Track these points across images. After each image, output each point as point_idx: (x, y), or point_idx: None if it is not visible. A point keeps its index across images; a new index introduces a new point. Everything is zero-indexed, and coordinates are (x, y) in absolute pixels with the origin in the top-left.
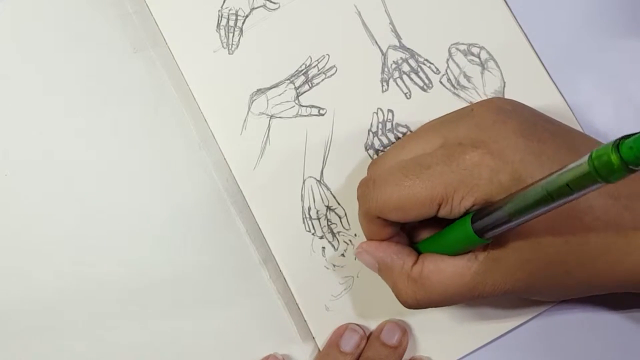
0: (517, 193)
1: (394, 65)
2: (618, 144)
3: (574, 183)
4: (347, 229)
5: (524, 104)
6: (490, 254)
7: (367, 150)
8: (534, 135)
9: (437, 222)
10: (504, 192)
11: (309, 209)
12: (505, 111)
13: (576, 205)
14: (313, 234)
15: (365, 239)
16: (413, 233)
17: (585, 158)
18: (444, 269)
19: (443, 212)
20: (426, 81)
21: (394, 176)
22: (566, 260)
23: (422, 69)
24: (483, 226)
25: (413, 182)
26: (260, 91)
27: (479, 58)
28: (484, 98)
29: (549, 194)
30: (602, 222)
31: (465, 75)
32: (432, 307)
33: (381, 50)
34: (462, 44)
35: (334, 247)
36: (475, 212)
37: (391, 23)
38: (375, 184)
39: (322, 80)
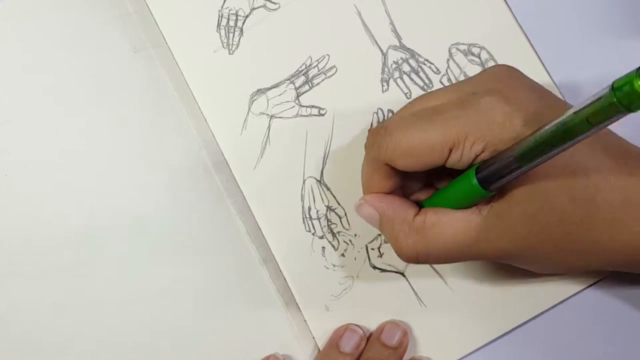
0: (527, 137)
1: (394, 65)
2: None
3: (594, 116)
4: (347, 229)
5: None
6: (493, 208)
7: None
8: (547, 93)
9: (439, 183)
10: (515, 137)
11: (309, 209)
12: (520, 71)
13: (584, 164)
14: (313, 234)
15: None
16: (412, 197)
17: (606, 90)
18: (446, 221)
19: (453, 158)
20: (426, 81)
21: (407, 121)
22: (570, 220)
23: (422, 69)
24: (488, 175)
25: (426, 125)
26: (260, 91)
27: (480, 58)
28: None
29: (564, 130)
30: (609, 184)
31: (466, 75)
32: (430, 262)
33: (381, 50)
34: (463, 44)
35: (334, 247)
36: (480, 163)
37: (391, 23)
38: (387, 130)
39: (322, 80)
